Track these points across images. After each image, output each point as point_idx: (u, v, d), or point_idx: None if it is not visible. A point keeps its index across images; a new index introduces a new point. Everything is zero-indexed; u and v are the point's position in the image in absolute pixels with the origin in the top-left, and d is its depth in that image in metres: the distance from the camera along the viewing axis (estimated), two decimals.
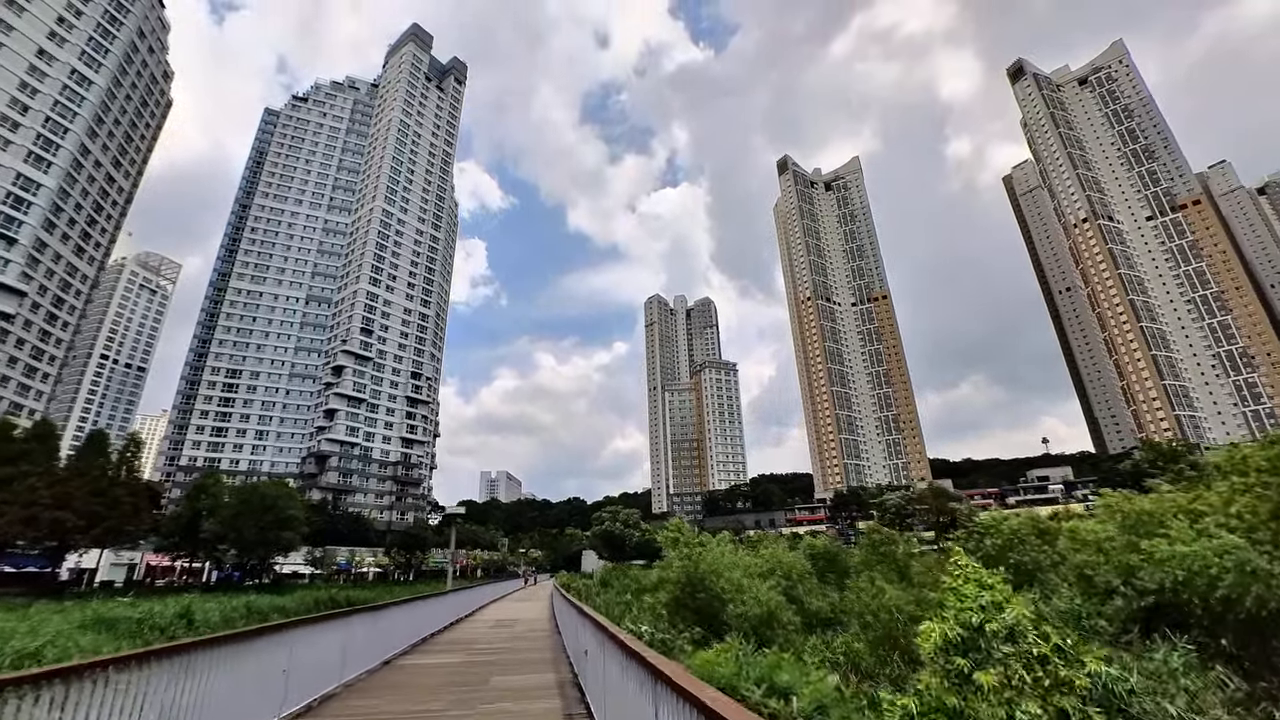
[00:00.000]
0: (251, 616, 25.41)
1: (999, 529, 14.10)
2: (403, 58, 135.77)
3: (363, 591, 50.69)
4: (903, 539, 25.08)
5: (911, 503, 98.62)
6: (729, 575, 14.08)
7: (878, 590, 13.56)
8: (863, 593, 14.70)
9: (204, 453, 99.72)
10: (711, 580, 13.61)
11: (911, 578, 23.45)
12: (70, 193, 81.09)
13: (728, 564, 14.55)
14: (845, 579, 25.89)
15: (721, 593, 13.01)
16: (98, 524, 48.18)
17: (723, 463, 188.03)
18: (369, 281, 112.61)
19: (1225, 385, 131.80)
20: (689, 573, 13.86)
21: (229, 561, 57.56)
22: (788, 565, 19.00)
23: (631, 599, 21.59)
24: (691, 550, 14.99)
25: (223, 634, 5.46)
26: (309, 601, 31.45)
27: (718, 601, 13.16)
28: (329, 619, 7.65)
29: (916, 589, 20.09)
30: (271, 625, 6.65)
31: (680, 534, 16.71)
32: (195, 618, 20.40)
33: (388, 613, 10.11)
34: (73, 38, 78.59)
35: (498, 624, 18.13)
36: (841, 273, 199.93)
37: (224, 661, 5.13)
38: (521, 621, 18.85)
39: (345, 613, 8.12)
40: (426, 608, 13.57)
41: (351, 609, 8.64)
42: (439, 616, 15.22)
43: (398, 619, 10.79)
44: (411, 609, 11.86)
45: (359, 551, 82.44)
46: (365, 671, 9.00)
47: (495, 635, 14.99)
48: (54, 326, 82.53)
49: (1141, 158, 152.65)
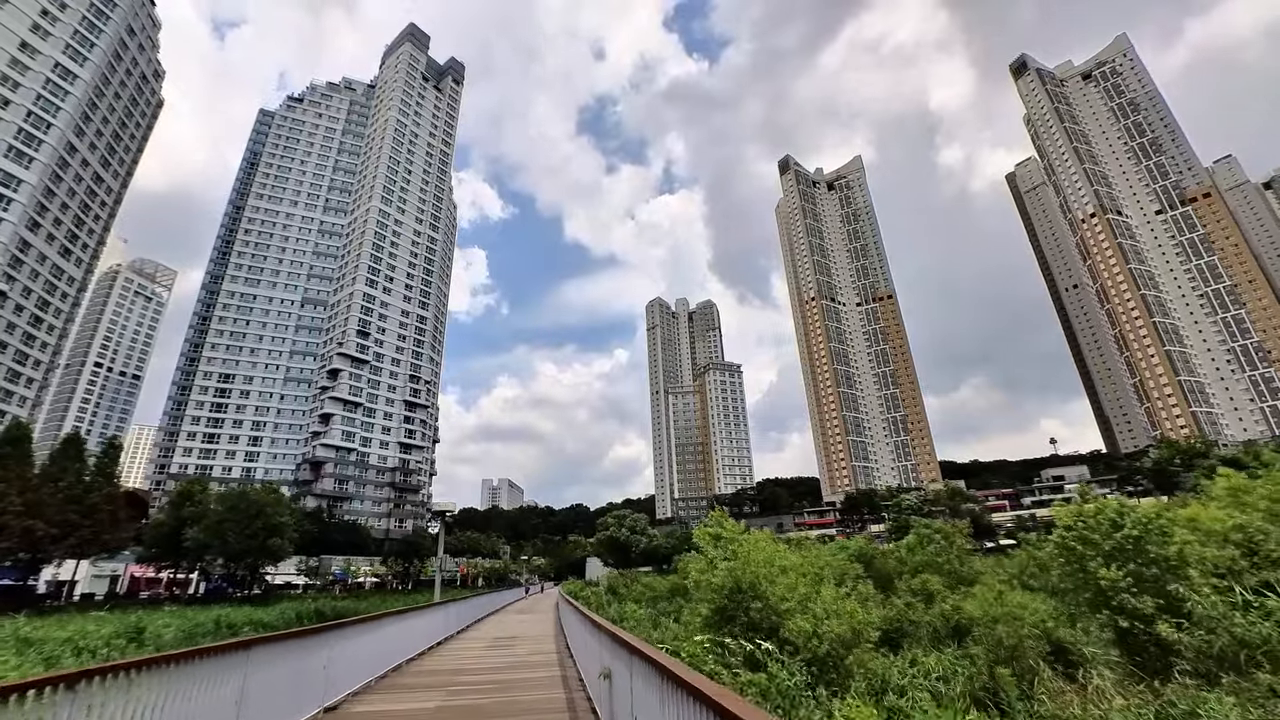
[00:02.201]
0: (220, 632, 22.49)
1: (1098, 527, 11.29)
2: (399, 58, 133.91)
3: (356, 602, 47.77)
4: (959, 537, 22.15)
5: (927, 504, 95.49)
6: (784, 581, 11.24)
7: (996, 596, 10.67)
8: (970, 599, 11.89)
9: (195, 460, 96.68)
10: (766, 588, 10.75)
11: (973, 581, 20.53)
12: (55, 191, 78.58)
13: (781, 566, 11.68)
14: (890, 583, 22.99)
15: (780, 604, 10.16)
16: (72, 533, 45.34)
17: (728, 466, 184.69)
18: (365, 283, 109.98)
19: (1241, 380, 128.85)
20: (737, 577, 11.00)
21: (216, 572, 54.56)
22: (839, 568, 16.16)
23: (657, 612, 18.73)
24: (740, 549, 12.05)
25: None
26: (290, 615, 28.46)
27: (775, 615, 10.32)
28: (224, 650, 4.79)
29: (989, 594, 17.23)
30: (124, 664, 3.88)
31: (722, 528, 13.80)
32: (146, 636, 17.48)
33: (337, 638, 7.19)
34: (56, 31, 76.29)
35: (494, 644, 15.23)
36: (846, 273, 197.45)
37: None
38: (523, 640, 15.80)
39: (253, 642, 5.24)
40: (401, 626, 10.57)
41: (272, 636, 5.75)
42: (418, 636, 12.24)
43: (356, 644, 7.83)
44: (377, 630, 8.91)
45: (355, 560, 79.29)
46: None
47: (489, 660, 11.92)
48: (39, 330, 79.78)
49: (1149, 151, 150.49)
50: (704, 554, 13.49)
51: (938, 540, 21.57)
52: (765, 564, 11.74)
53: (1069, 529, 12.09)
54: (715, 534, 13.95)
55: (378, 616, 9.58)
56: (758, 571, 11.07)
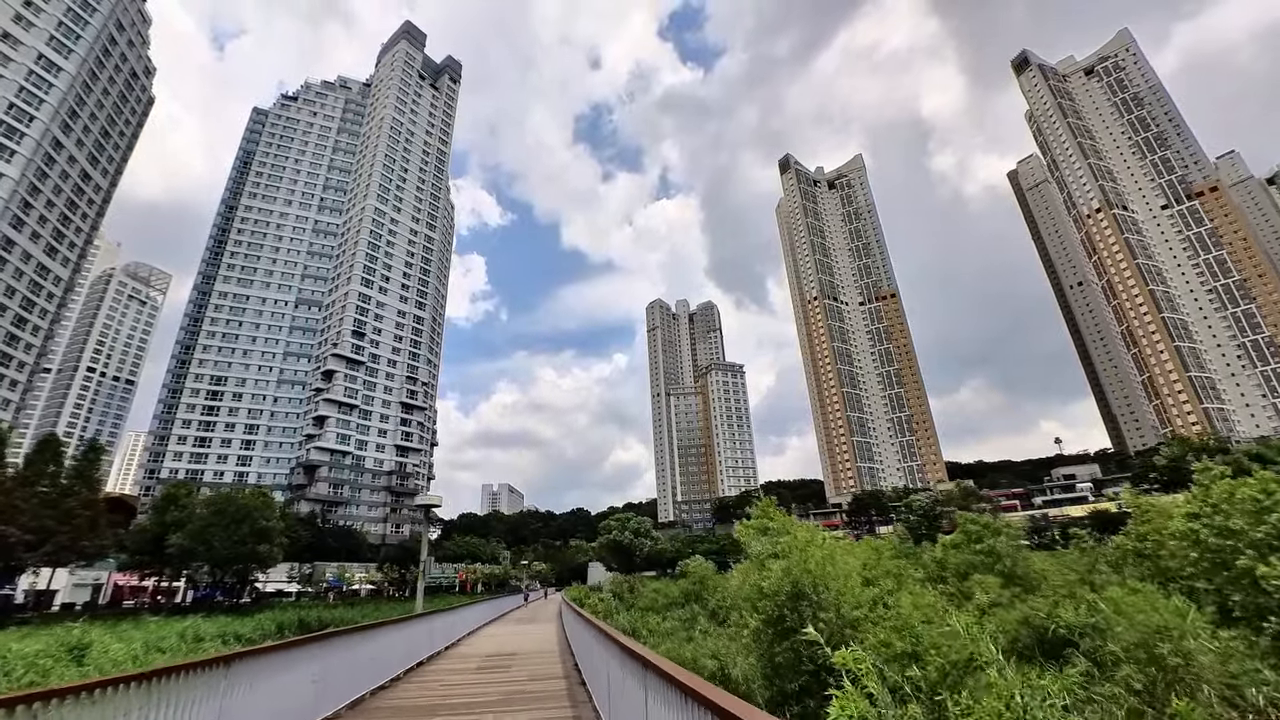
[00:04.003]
0: (184, 647, 20.07)
1: (1236, 510, 9.03)
2: (395, 55, 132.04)
3: (348, 611, 45.16)
4: (1006, 530, 19.81)
5: (938, 504, 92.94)
6: (851, 586, 8.90)
7: (1145, 600, 8.32)
8: (1064, 605, 9.59)
9: (186, 464, 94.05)
10: (830, 593, 8.37)
11: (1030, 582, 18.17)
12: (40, 187, 76.27)
13: (844, 568, 9.28)
14: (932, 586, 20.61)
15: (856, 620, 7.78)
16: (48, 540, 42.85)
17: (732, 468, 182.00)
18: (361, 283, 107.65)
19: (1253, 376, 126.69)
20: (796, 579, 8.61)
21: (202, 579, 51.98)
22: (892, 570, 13.87)
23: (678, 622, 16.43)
24: (794, 543, 9.62)
25: None
26: (270, 627, 25.99)
27: (849, 628, 7.99)
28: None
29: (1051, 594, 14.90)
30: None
31: (769, 519, 11.36)
32: (89, 655, 15.08)
33: (261, 665, 4.97)
34: (40, 21, 74.11)
35: (486, 663, 12.59)
36: (848, 272, 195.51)
37: None
38: (522, 657, 13.15)
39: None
40: (368, 645, 8.15)
41: (166, 669, 3.47)
42: (392, 657, 9.79)
43: (294, 675, 5.45)
44: (323, 654, 6.48)
45: (349, 567, 76.65)
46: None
47: (478, 687, 9.43)
48: (23, 330, 77.34)
49: (1154, 145, 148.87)
50: (748, 551, 11.05)
51: (991, 537, 19.21)
52: (825, 561, 9.41)
53: (1194, 516, 9.81)
54: (762, 526, 11.52)
55: (325, 636, 7.17)
56: (822, 571, 8.74)
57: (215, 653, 9.24)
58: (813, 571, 8.79)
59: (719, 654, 11.22)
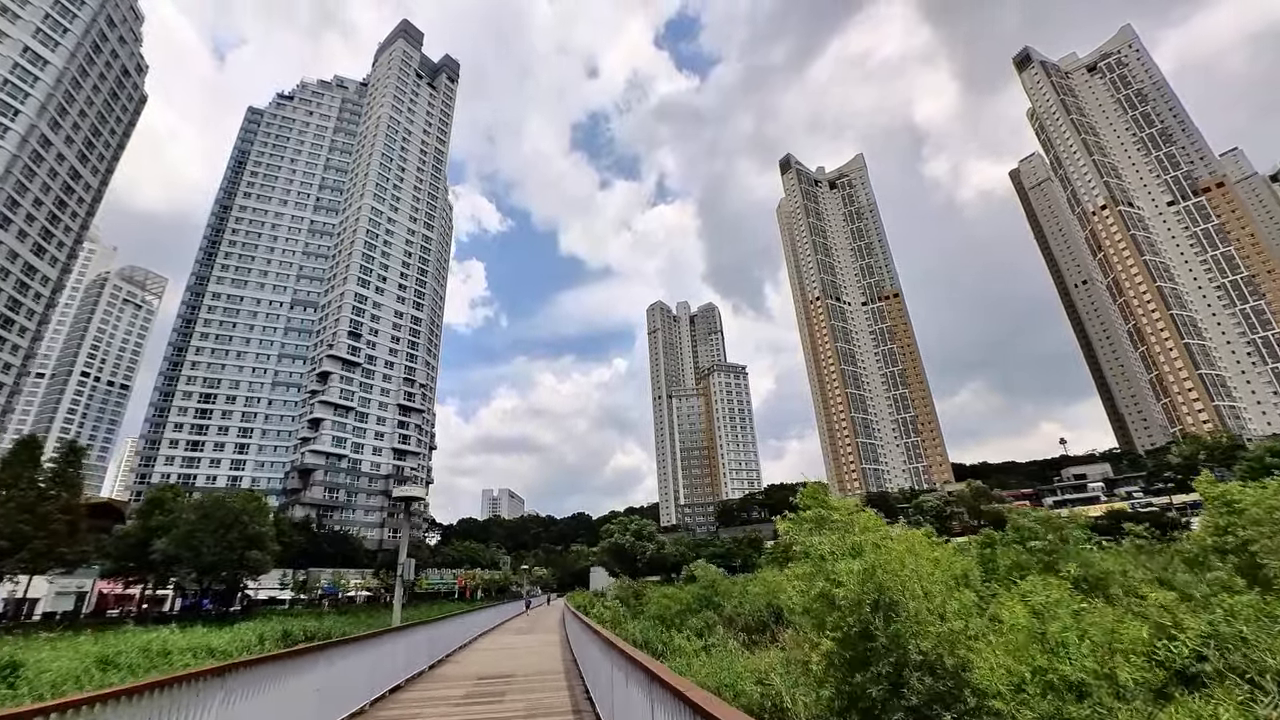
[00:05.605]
0: (151, 663, 17.95)
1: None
2: (393, 54, 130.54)
3: (341, 619, 42.85)
4: (1067, 526, 17.76)
5: (948, 505, 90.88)
6: (942, 592, 6.87)
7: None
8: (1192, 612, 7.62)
9: (178, 469, 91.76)
10: (919, 604, 6.33)
11: (1106, 586, 16.09)
12: (28, 185, 74.35)
13: (932, 572, 7.20)
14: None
15: (970, 647, 5.74)
16: (24, 546, 40.73)
17: (735, 470, 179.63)
18: (357, 283, 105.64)
19: (1263, 373, 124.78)
20: (880, 584, 6.56)
21: (190, 586, 49.74)
22: (962, 569, 11.89)
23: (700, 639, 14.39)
24: (869, 538, 7.49)
25: None
26: (250, 638, 23.82)
27: (952, 653, 5.94)
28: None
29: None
30: None
31: (822, 506, 9.07)
32: (24, 673, 13.03)
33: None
34: (26, 14, 72.37)
35: (476, 689, 10.08)
36: (850, 272, 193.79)
37: None
38: (520, 680, 10.78)
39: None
40: (315, 673, 6.02)
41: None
42: (357, 682, 7.65)
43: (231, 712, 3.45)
44: (276, 680, 4.40)
45: (345, 573, 74.36)
46: None
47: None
48: (9, 331, 75.28)
49: (1159, 141, 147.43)
50: (802, 547, 8.82)
51: (1043, 536, 17.14)
52: (905, 559, 7.40)
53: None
54: (819, 516, 9.25)
55: (276, 657, 5.10)
56: (912, 573, 6.68)
57: (150, 679, 7.27)
58: (900, 575, 6.76)
59: (763, 676, 9.13)
